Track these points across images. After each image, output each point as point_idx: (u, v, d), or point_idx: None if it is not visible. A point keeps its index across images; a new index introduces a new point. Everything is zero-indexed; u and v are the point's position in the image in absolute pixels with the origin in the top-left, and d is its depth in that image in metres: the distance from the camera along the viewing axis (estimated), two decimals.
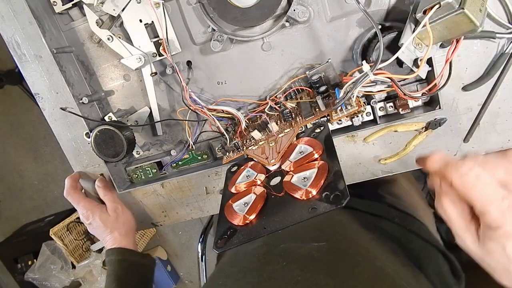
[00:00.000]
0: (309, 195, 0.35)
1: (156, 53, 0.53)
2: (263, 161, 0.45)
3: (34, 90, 0.59)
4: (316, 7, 0.49)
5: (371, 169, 0.56)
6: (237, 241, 0.36)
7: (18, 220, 2.12)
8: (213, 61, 0.54)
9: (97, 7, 0.50)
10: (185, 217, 0.67)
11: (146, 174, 0.63)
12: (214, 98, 0.57)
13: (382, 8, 0.47)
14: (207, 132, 0.59)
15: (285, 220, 0.34)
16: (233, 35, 0.49)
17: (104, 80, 0.59)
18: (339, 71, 0.52)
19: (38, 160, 2.00)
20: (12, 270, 1.94)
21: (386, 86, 0.47)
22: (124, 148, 0.54)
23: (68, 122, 0.60)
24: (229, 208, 0.41)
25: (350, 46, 0.50)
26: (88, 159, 0.63)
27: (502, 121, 0.49)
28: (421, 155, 0.35)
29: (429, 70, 0.46)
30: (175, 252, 2.00)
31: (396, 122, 0.50)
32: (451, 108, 0.50)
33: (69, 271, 1.68)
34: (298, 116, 0.50)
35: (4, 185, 2.10)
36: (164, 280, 1.92)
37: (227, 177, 0.50)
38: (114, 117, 0.57)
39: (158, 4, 0.49)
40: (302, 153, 0.42)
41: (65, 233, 1.69)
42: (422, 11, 0.38)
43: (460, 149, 0.52)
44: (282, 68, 0.53)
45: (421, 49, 0.42)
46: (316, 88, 0.50)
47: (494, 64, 0.46)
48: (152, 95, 0.57)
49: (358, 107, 0.45)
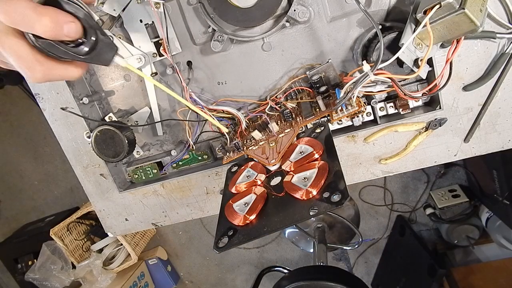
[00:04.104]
0: (310, 195, 0.35)
1: (156, 53, 0.53)
2: (264, 161, 0.45)
3: (34, 90, 0.59)
4: (317, 7, 0.49)
5: (371, 169, 0.56)
6: (237, 241, 0.36)
7: (18, 220, 2.12)
8: (213, 61, 0.54)
9: (98, 7, 0.50)
10: (185, 217, 0.67)
11: (146, 174, 0.63)
12: (214, 98, 0.57)
13: (383, 8, 0.47)
14: (208, 132, 0.59)
15: (286, 220, 0.34)
16: (234, 35, 0.49)
17: (104, 80, 0.59)
18: (339, 71, 0.52)
19: (38, 160, 2.00)
20: (12, 270, 1.94)
21: (386, 86, 0.47)
22: (125, 148, 0.54)
23: (68, 122, 0.60)
24: (229, 208, 0.41)
25: (350, 46, 0.50)
26: (88, 159, 0.63)
27: (502, 121, 0.49)
28: None
29: (430, 70, 0.46)
30: (175, 252, 2.00)
31: (396, 122, 0.50)
32: (452, 108, 0.50)
33: (69, 271, 1.68)
34: (299, 116, 0.50)
35: (4, 185, 2.10)
36: (164, 280, 1.92)
37: (228, 177, 0.50)
38: (115, 117, 0.57)
39: (159, 4, 0.49)
40: (303, 153, 0.42)
41: (65, 233, 1.69)
42: (423, 11, 0.38)
43: (461, 149, 0.52)
44: (283, 68, 0.53)
45: (422, 49, 0.42)
46: (316, 88, 0.50)
47: (495, 64, 0.46)
48: (153, 95, 0.57)
49: (359, 107, 0.45)
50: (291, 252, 1.84)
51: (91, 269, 1.65)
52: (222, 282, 2.01)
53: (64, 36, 0.30)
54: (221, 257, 1.94)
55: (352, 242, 1.27)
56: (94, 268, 1.65)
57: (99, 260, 1.67)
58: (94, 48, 0.32)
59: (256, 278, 1.44)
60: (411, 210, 1.59)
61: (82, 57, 0.32)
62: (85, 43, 0.32)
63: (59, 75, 0.33)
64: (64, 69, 0.33)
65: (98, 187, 0.66)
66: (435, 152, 0.53)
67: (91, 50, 0.32)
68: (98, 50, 0.33)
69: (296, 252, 1.83)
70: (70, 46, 0.31)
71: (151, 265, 1.89)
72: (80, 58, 0.32)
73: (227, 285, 2.01)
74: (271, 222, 0.35)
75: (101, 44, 0.33)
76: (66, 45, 0.31)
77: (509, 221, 1.19)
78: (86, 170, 0.64)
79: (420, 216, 1.60)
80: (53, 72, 0.32)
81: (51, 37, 0.30)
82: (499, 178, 1.15)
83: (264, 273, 1.48)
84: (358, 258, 1.75)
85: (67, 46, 0.31)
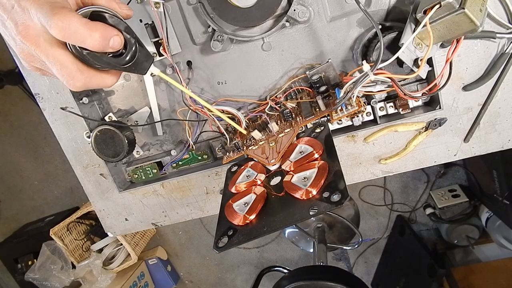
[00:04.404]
0: (309, 195, 0.35)
1: (156, 53, 0.53)
2: (263, 161, 0.45)
3: (34, 90, 0.59)
4: (316, 7, 0.49)
5: (371, 169, 0.56)
6: (237, 241, 0.36)
7: (18, 220, 2.13)
8: (213, 61, 0.54)
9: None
10: (185, 217, 0.67)
11: (146, 174, 0.63)
12: (214, 98, 0.57)
13: (382, 8, 0.47)
14: (207, 132, 0.59)
15: (285, 220, 0.34)
16: (233, 35, 0.49)
17: None
18: (339, 71, 0.52)
19: (38, 160, 2.00)
20: (12, 270, 1.94)
21: (386, 86, 0.47)
22: (124, 148, 0.54)
23: (68, 122, 0.60)
24: (229, 208, 0.41)
25: (350, 46, 0.50)
26: (88, 159, 0.63)
27: (502, 121, 0.49)
28: None
29: (429, 70, 0.46)
30: (175, 252, 2.00)
31: (396, 122, 0.50)
32: (451, 108, 0.50)
33: (69, 271, 1.68)
34: (298, 116, 0.50)
35: (4, 185, 2.10)
36: (164, 280, 1.92)
37: (227, 177, 0.50)
38: (114, 117, 0.57)
39: (158, 4, 0.49)
40: (302, 153, 0.42)
41: (65, 233, 1.70)
42: (423, 11, 0.38)
43: (460, 149, 0.52)
44: (282, 68, 0.53)
45: (422, 49, 0.42)
46: (316, 88, 0.50)
47: (494, 64, 0.46)
48: (152, 95, 0.57)
49: (358, 107, 0.45)
50: (291, 252, 1.84)
51: (91, 269, 1.65)
52: (222, 282, 2.01)
53: (109, 48, 0.32)
54: (221, 257, 1.94)
55: (352, 242, 1.27)
56: (94, 268, 1.65)
57: (99, 260, 1.67)
58: (133, 58, 0.34)
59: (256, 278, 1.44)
60: (411, 210, 1.59)
61: (122, 67, 0.34)
62: (125, 54, 0.34)
63: (96, 84, 0.35)
64: (101, 77, 0.35)
65: (98, 187, 0.66)
66: (435, 152, 0.53)
67: (130, 60, 0.34)
68: (137, 60, 0.35)
69: (296, 252, 1.83)
70: (111, 56, 0.33)
71: (151, 265, 1.89)
72: (120, 68, 0.34)
73: (227, 285, 2.01)
74: (271, 222, 0.35)
75: (139, 55, 0.35)
76: (107, 56, 0.33)
77: (509, 221, 1.19)
78: (86, 170, 0.64)
79: (420, 216, 1.60)
80: (92, 81, 0.34)
81: (98, 50, 0.32)
82: (499, 178, 1.15)
83: (264, 273, 1.48)
84: (358, 258, 1.75)
85: (108, 56, 0.33)
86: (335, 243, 1.23)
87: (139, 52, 0.35)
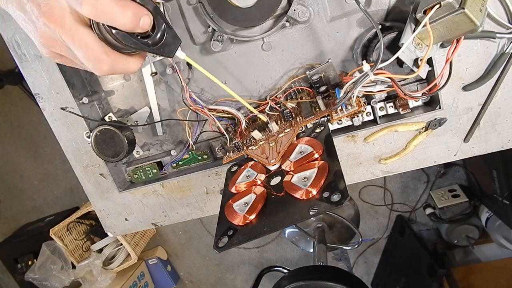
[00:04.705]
0: (309, 195, 0.35)
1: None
2: (263, 161, 0.45)
3: (34, 90, 0.59)
4: (316, 7, 0.49)
5: (371, 169, 0.56)
6: (237, 241, 0.36)
7: (18, 220, 2.13)
8: (213, 61, 0.54)
9: None
10: (185, 217, 0.67)
11: (146, 174, 0.63)
12: (214, 98, 0.57)
13: (382, 8, 0.47)
14: (207, 132, 0.59)
15: (285, 220, 0.34)
16: (233, 35, 0.49)
17: (104, 80, 0.59)
18: (339, 71, 0.52)
19: (38, 160, 2.00)
20: (12, 270, 1.94)
21: (386, 86, 0.47)
22: (124, 148, 0.54)
23: (68, 122, 0.60)
24: (229, 208, 0.41)
25: (350, 46, 0.50)
26: (88, 159, 0.63)
27: (502, 121, 0.49)
28: None
29: (429, 70, 0.46)
30: (175, 252, 2.00)
31: (396, 122, 0.50)
32: (451, 108, 0.50)
33: (69, 271, 1.68)
34: (298, 116, 0.50)
35: (4, 185, 2.10)
36: (164, 280, 1.92)
37: (227, 177, 0.50)
38: (114, 117, 0.57)
39: (158, 4, 0.49)
40: (302, 153, 0.42)
41: (65, 233, 1.70)
42: (423, 11, 0.38)
43: (460, 149, 0.52)
44: (282, 68, 0.53)
45: (422, 49, 0.42)
46: (316, 88, 0.50)
47: (494, 64, 0.46)
48: (152, 95, 0.57)
49: (358, 107, 0.45)
50: (291, 252, 1.84)
51: (91, 269, 1.65)
52: (222, 282, 2.01)
53: (139, 28, 0.30)
54: (221, 257, 1.94)
55: (352, 242, 1.27)
56: (94, 268, 1.65)
57: (99, 260, 1.67)
58: (161, 40, 0.33)
59: (256, 278, 1.44)
60: (411, 210, 1.59)
61: (151, 48, 0.32)
62: (153, 34, 0.32)
63: (121, 68, 0.33)
64: (126, 61, 0.33)
65: (98, 187, 0.66)
66: (435, 152, 0.53)
67: (159, 41, 0.33)
68: (165, 42, 0.33)
69: (296, 252, 1.83)
70: (138, 37, 0.31)
71: (151, 265, 1.89)
72: (148, 49, 0.32)
73: (227, 285, 2.01)
74: (271, 222, 0.35)
75: (167, 36, 0.33)
76: (136, 37, 0.31)
77: (509, 221, 1.19)
78: (86, 170, 0.64)
79: (420, 216, 1.60)
80: (117, 65, 0.32)
81: (128, 30, 0.30)
82: (499, 178, 1.15)
83: (264, 273, 1.48)
84: (358, 258, 1.75)
85: (137, 37, 0.31)
86: (335, 243, 1.23)
87: (167, 33, 0.33)
